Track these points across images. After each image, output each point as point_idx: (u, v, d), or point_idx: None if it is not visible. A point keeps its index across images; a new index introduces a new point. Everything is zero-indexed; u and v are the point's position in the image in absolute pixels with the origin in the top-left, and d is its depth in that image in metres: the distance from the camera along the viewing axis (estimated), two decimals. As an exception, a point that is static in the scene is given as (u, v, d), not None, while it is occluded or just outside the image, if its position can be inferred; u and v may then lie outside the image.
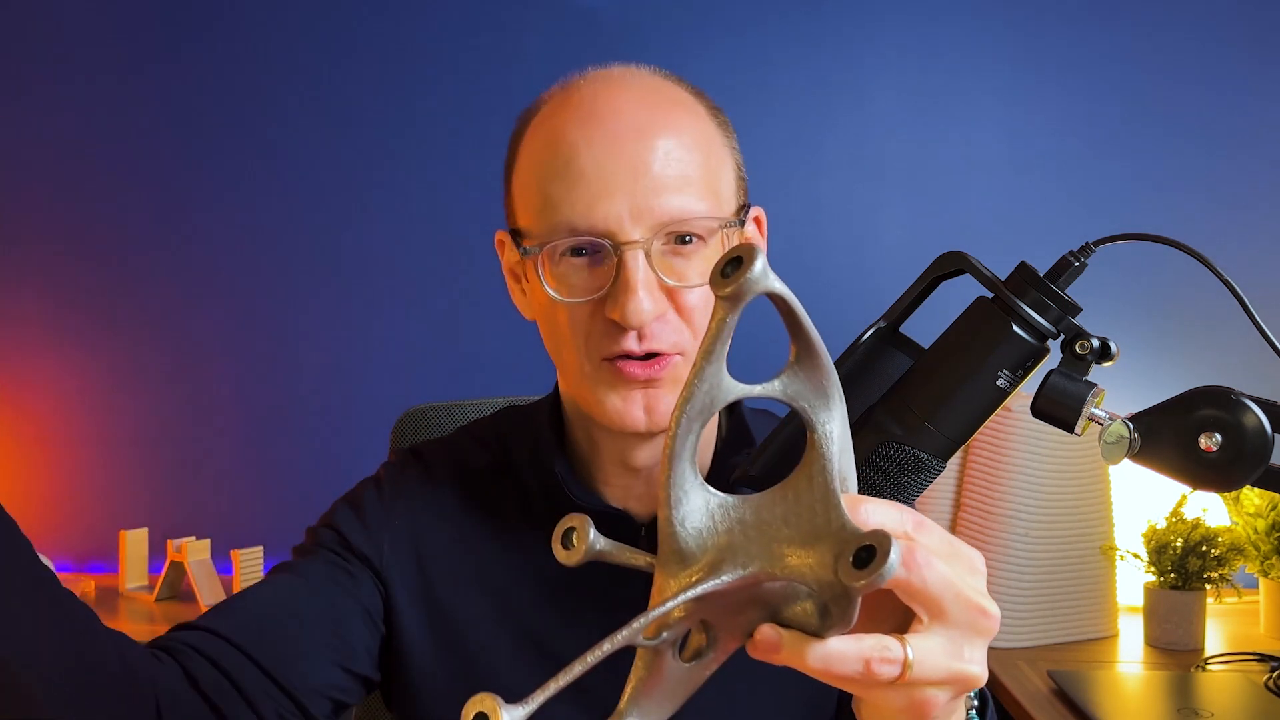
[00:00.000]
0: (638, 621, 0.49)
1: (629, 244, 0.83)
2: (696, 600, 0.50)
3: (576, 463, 0.97)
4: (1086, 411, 0.66)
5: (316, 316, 2.47)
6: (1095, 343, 0.66)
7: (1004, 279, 0.67)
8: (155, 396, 2.47)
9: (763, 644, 0.52)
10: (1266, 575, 1.98)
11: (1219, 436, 0.64)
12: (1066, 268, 0.67)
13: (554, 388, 1.00)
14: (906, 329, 0.71)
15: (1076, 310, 0.67)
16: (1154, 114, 2.37)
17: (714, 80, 2.33)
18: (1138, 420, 0.67)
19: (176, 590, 2.26)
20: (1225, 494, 1.97)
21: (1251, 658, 1.82)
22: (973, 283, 0.68)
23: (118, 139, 2.46)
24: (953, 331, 0.68)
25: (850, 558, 0.48)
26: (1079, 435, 0.67)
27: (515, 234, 0.90)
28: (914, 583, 0.52)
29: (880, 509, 0.53)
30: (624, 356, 0.85)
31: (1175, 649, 1.89)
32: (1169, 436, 0.66)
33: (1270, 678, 1.67)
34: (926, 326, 0.73)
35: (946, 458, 0.67)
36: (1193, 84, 2.36)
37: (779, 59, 2.41)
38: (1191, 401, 0.66)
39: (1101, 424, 0.67)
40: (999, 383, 0.66)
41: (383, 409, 1.63)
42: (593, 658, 0.46)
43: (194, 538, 2.22)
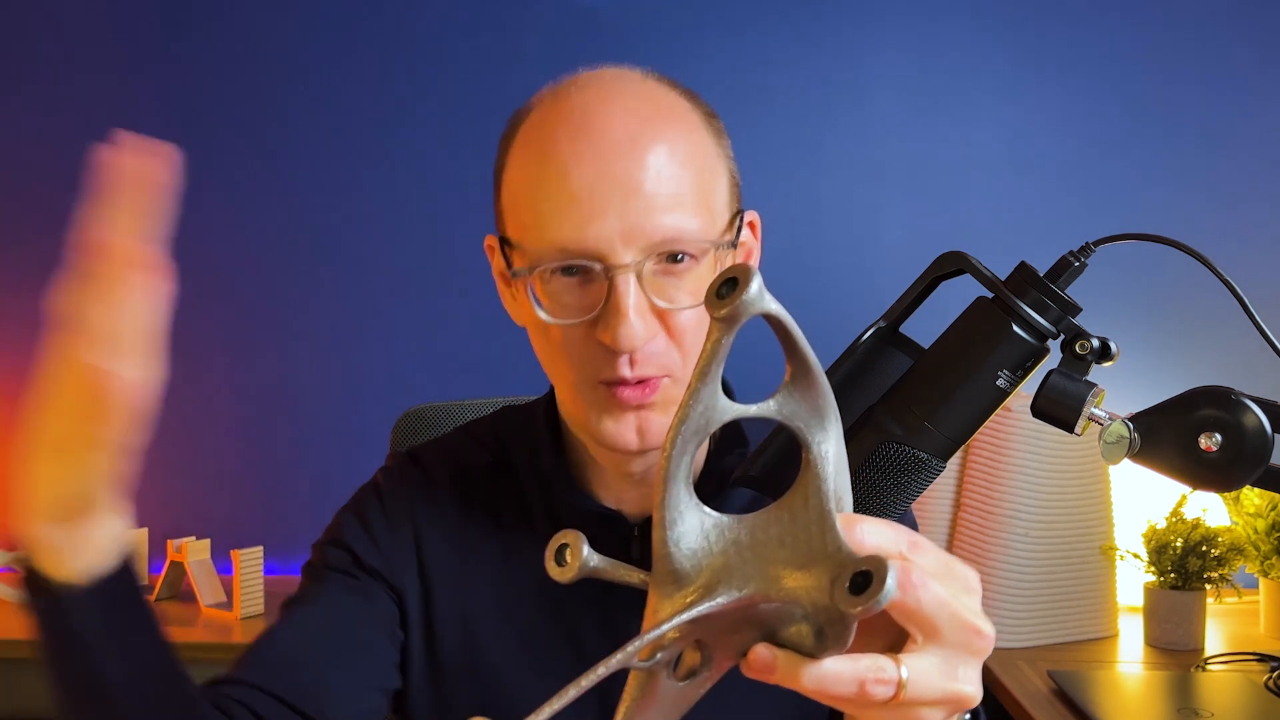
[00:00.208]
0: (632, 645, 0.49)
1: (620, 267, 0.81)
2: (691, 622, 0.50)
3: (572, 463, 0.97)
4: (1086, 411, 0.66)
5: (316, 316, 2.47)
6: (1095, 343, 0.66)
7: (1004, 279, 0.67)
8: (155, 396, 2.46)
9: (757, 664, 0.52)
10: (1266, 575, 1.98)
11: (1219, 436, 0.64)
12: (1066, 268, 0.67)
13: (550, 387, 1.00)
14: (906, 329, 0.71)
15: (1076, 310, 0.67)
16: (1154, 114, 2.37)
17: (714, 80, 2.38)
18: (1138, 420, 0.67)
19: (176, 590, 2.26)
20: (1225, 494, 1.97)
21: (1251, 658, 1.82)
22: (973, 283, 0.68)
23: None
24: (953, 331, 0.68)
25: (846, 583, 0.48)
26: (1079, 435, 0.67)
27: (504, 243, 0.90)
28: (909, 604, 0.52)
29: (876, 529, 0.53)
30: (618, 382, 0.85)
31: (1175, 649, 1.89)
32: (1169, 436, 0.66)
33: (1270, 678, 1.67)
34: (926, 326, 0.73)
35: (946, 458, 0.67)
36: (1193, 84, 2.37)
37: (779, 59, 2.41)
38: (1191, 401, 0.66)
39: (1101, 424, 0.67)
40: (999, 383, 0.66)
41: (383, 409, 1.62)
42: (587, 682, 0.46)
43: (194, 538, 2.22)
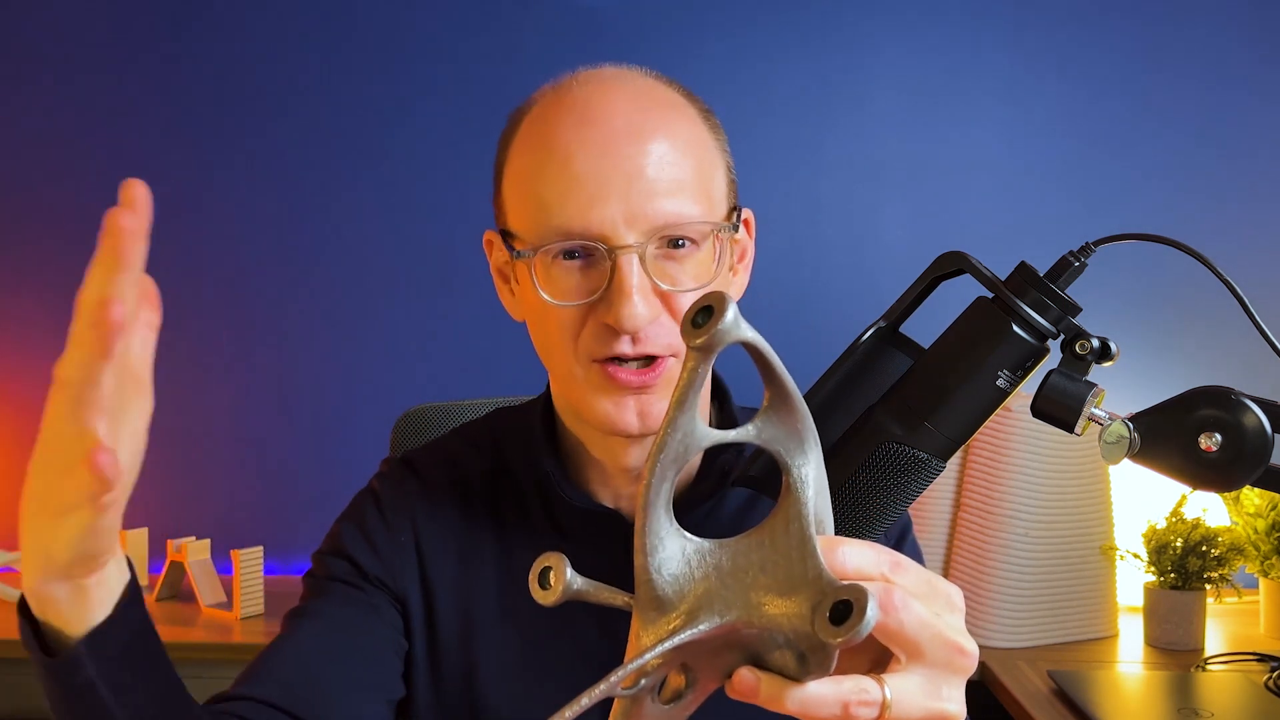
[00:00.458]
0: (615, 675, 0.49)
1: (623, 248, 0.82)
2: (674, 649, 0.51)
3: (568, 462, 0.97)
4: (1086, 411, 0.66)
5: (316, 317, 2.47)
6: (1095, 343, 0.66)
7: (1004, 279, 0.67)
8: (155, 396, 2.46)
9: (741, 687, 0.52)
10: (1266, 575, 1.98)
11: (1219, 436, 0.64)
12: (1066, 268, 0.67)
13: (546, 387, 1.00)
14: (906, 329, 0.71)
15: (1076, 310, 0.67)
16: (1154, 114, 2.37)
17: (714, 80, 2.38)
18: (1138, 420, 0.67)
19: (176, 590, 2.26)
20: (1225, 494, 1.97)
21: (1251, 658, 1.81)
22: (973, 283, 0.68)
23: (116, 139, 2.46)
24: (953, 331, 0.68)
25: (827, 612, 0.48)
26: (1079, 435, 0.67)
27: (505, 235, 0.90)
28: (891, 626, 0.53)
29: (857, 552, 0.53)
30: (615, 360, 0.85)
31: (1175, 649, 1.88)
32: (1169, 436, 0.66)
33: (1270, 678, 1.67)
34: (926, 326, 0.73)
35: (946, 458, 0.67)
36: (1193, 83, 2.36)
37: (779, 59, 2.41)
38: (1191, 401, 0.66)
39: (1101, 424, 0.67)
40: (999, 383, 0.66)
41: (383, 409, 1.63)
42: (570, 713, 0.47)
43: (194, 538, 2.22)
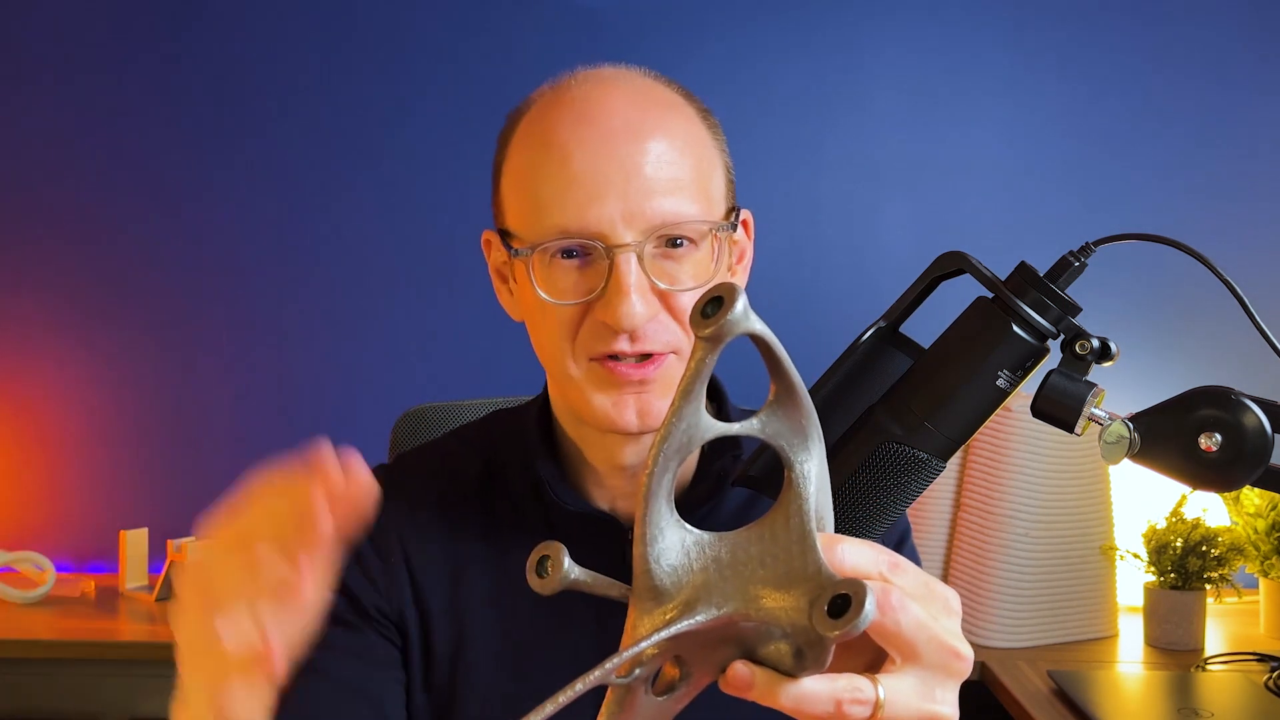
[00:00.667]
0: (610, 662, 0.49)
1: (621, 247, 0.82)
2: (670, 639, 0.51)
3: (564, 464, 0.96)
4: (1086, 411, 0.66)
5: (316, 316, 2.47)
6: (1095, 343, 0.66)
7: (1004, 279, 0.67)
8: (155, 396, 2.47)
9: (735, 680, 0.52)
10: (1266, 575, 1.98)
11: (1219, 436, 0.64)
12: (1066, 268, 0.67)
13: (542, 390, 0.99)
14: (906, 329, 0.71)
15: (1076, 310, 0.67)
16: (1154, 113, 2.37)
17: (714, 80, 2.38)
18: (1138, 420, 0.67)
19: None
20: (1225, 494, 1.97)
21: (1251, 658, 1.81)
22: (973, 283, 0.68)
23: (116, 139, 2.46)
24: (953, 331, 0.68)
25: (825, 606, 0.48)
26: (1079, 435, 0.67)
27: (504, 234, 0.90)
28: (888, 626, 0.53)
29: (856, 550, 0.53)
30: (613, 357, 0.84)
31: (1175, 649, 1.89)
32: (1169, 436, 0.66)
33: (1270, 678, 1.67)
34: (926, 326, 0.73)
35: (946, 458, 0.67)
36: (1193, 83, 2.36)
37: (779, 59, 2.41)
38: (1191, 401, 0.66)
39: (1101, 424, 0.67)
40: (999, 383, 0.66)
41: (383, 409, 1.62)
42: (564, 698, 0.47)
43: (194, 538, 2.22)
